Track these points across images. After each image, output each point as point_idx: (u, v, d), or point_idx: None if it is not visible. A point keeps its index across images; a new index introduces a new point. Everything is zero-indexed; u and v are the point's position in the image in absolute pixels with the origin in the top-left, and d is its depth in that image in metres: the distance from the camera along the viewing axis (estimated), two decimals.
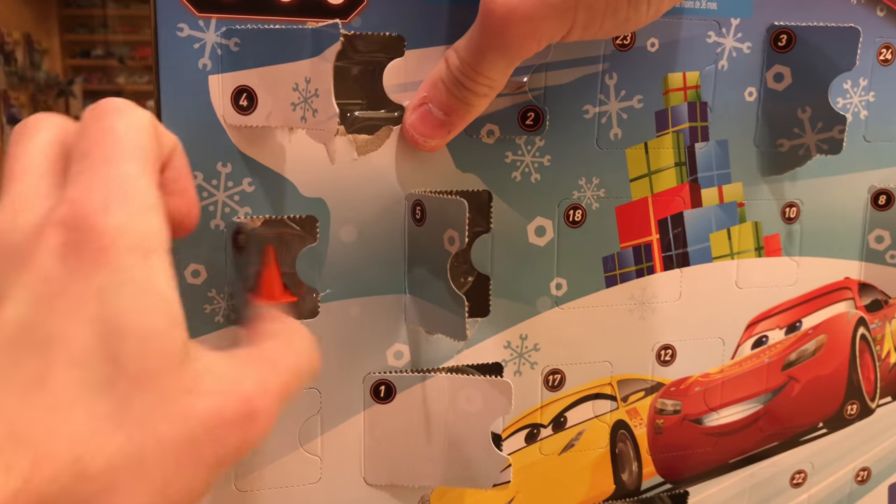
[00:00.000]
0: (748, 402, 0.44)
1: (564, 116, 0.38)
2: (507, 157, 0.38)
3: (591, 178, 0.39)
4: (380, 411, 0.38)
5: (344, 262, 0.36)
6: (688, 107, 0.40)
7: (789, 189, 0.43)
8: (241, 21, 0.33)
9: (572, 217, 0.39)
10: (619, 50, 0.38)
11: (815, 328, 0.45)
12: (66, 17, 4.22)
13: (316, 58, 0.32)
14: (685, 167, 0.41)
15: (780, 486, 0.47)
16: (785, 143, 0.41)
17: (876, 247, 0.45)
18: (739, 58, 0.40)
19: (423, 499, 0.40)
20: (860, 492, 0.48)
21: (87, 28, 4.24)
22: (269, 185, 0.35)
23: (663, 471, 0.44)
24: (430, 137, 0.35)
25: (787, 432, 0.46)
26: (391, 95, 0.35)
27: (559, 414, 0.41)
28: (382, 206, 0.36)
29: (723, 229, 0.42)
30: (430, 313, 0.36)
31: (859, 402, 0.46)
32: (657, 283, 0.41)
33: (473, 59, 0.32)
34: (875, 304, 0.46)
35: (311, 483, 0.38)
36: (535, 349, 0.40)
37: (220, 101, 0.33)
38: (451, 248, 0.34)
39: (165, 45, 0.32)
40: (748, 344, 0.44)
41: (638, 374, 0.42)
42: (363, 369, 0.38)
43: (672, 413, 0.43)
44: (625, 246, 0.40)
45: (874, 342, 0.46)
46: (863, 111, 0.43)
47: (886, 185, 0.44)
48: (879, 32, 0.42)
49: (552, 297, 0.40)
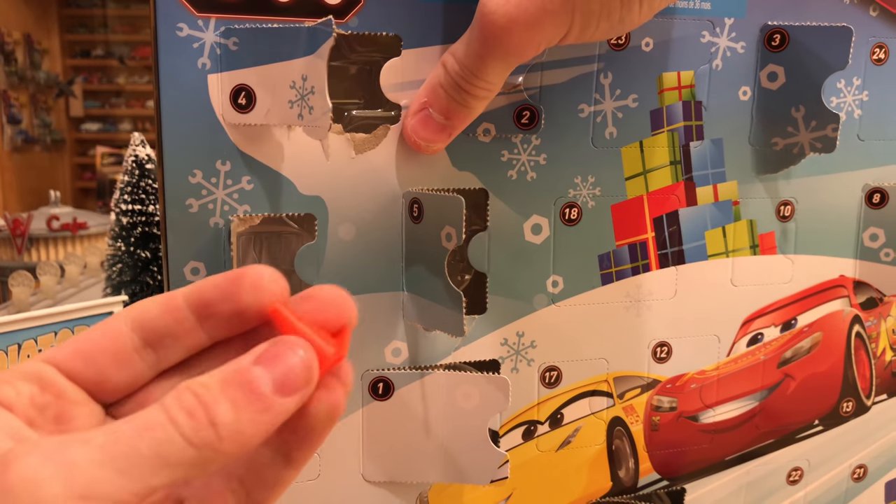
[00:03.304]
0: (744, 399, 0.45)
1: (560, 115, 0.38)
2: (503, 156, 0.38)
3: (586, 177, 0.39)
4: (378, 408, 0.38)
5: (342, 260, 0.37)
6: (682, 106, 0.40)
7: (784, 187, 0.43)
8: (239, 21, 0.33)
9: (568, 215, 0.40)
10: (613, 49, 0.38)
11: (811, 326, 0.45)
12: (66, 17, 4.22)
13: (311, 55, 0.32)
14: (680, 166, 0.41)
15: (776, 484, 0.47)
16: (779, 141, 0.42)
17: (870, 245, 0.45)
18: (733, 57, 0.40)
19: (420, 495, 0.40)
20: (857, 489, 0.49)
21: (87, 28, 4.24)
22: (268, 183, 0.35)
23: (660, 467, 0.44)
24: (432, 141, 0.35)
25: (784, 429, 0.46)
26: (388, 95, 0.36)
27: (556, 411, 0.42)
28: (380, 204, 0.37)
29: (718, 227, 0.42)
30: (428, 310, 0.37)
31: (855, 399, 0.47)
32: (653, 281, 0.42)
33: (473, 65, 0.33)
34: (870, 301, 0.46)
35: (309, 480, 0.38)
36: (531, 346, 0.40)
37: (219, 99, 0.34)
38: (448, 244, 0.34)
39: (165, 45, 0.33)
40: (744, 341, 0.44)
41: (634, 371, 0.43)
42: (361, 366, 0.38)
43: (668, 410, 0.44)
44: (620, 244, 0.41)
45: (869, 340, 0.47)
46: (857, 110, 0.43)
47: (880, 183, 0.44)
48: (873, 32, 0.42)
49: (548, 294, 0.40)
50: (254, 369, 0.21)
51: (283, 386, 0.21)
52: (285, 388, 0.21)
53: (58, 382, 0.22)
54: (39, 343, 0.69)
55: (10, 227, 1.87)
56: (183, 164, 0.34)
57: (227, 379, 0.20)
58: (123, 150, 1.86)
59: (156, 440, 0.19)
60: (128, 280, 0.95)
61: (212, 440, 0.20)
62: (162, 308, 0.23)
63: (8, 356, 0.67)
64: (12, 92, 3.85)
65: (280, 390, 0.21)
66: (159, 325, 0.23)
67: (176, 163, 0.34)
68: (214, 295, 0.22)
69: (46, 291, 1.32)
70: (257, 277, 0.22)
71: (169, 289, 0.34)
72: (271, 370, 0.21)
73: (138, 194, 0.96)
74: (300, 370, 0.21)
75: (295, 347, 0.21)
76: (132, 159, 0.98)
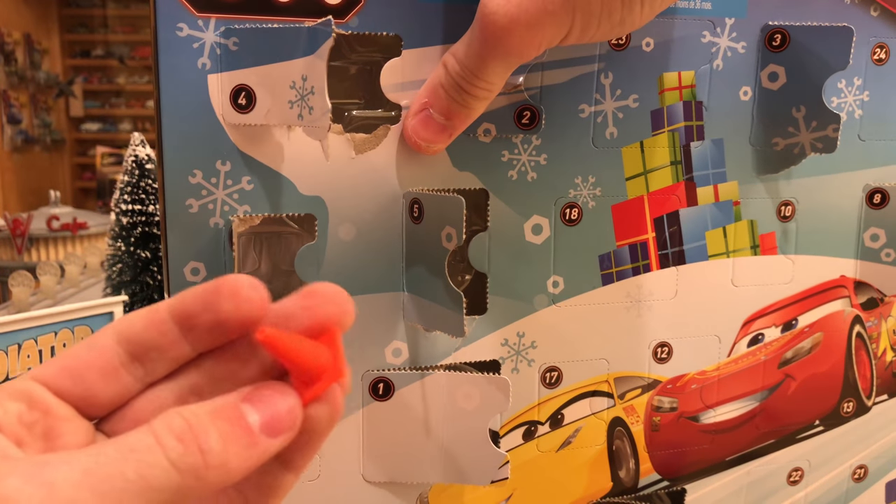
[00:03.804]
0: (744, 399, 0.45)
1: (560, 115, 0.38)
2: (503, 156, 0.38)
3: (587, 177, 0.39)
4: (378, 408, 0.38)
5: (342, 260, 0.37)
6: (683, 106, 0.40)
7: (784, 187, 0.43)
8: (239, 21, 0.33)
9: (569, 215, 0.39)
10: (614, 49, 0.38)
11: (811, 326, 0.45)
12: (66, 17, 4.22)
13: (311, 55, 0.32)
14: (681, 166, 0.41)
15: (776, 484, 0.47)
16: (780, 141, 0.41)
17: (871, 245, 0.45)
18: (734, 57, 0.40)
19: (421, 496, 0.40)
20: (857, 489, 0.49)
21: (87, 28, 4.24)
22: (268, 183, 0.35)
23: (660, 468, 0.44)
24: (433, 142, 0.35)
25: (784, 430, 0.46)
26: (388, 95, 0.36)
27: (556, 411, 0.42)
28: (381, 204, 0.37)
29: (718, 227, 0.42)
30: (429, 311, 0.37)
31: (856, 399, 0.47)
32: (653, 281, 0.41)
33: (473, 65, 0.33)
34: (871, 302, 0.46)
35: (310, 480, 0.38)
36: (532, 346, 0.40)
37: (219, 100, 0.34)
38: (448, 245, 0.34)
39: (165, 45, 0.33)
40: (744, 342, 0.44)
41: (635, 372, 0.43)
42: (362, 367, 0.38)
43: (669, 410, 0.44)
44: (621, 244, 0.41)
45: (870, 340, 0.46)
46: (857, 110, 0.43)
47: (881, 183, 0.44)
48: (873, 32, 0.42)
49: (549, 294, 0.40)
50: (242, 405, 0.21)
51: (270, 427, 0.21)
52: (272, 429, 0.21)
53: (45, 400, 0.22)
54: (39, 343, 0.69)
55: (10, 227, 1.87)
56: (183, 164, 0.34)
57: (218, 410, 0.21)
58: (123, 150, 1.86)
59: (141, 463, 0.19)
60: (128, 280, 0.95)
61: (198, 467, 0.20)
62: (146, 321, 0.23)
63: (8, 356, 0.67)
64: (12, 92, 3.85)
65: (266, 430, 0.21)
66: (144, 338, 0.23)
67: (176, 163, 0.34)
68: (195, 306, 0.22)
69: (46, 291, 1.32)
70: (235, 286, 0.22)
71: (169, 289, 0.34)
72: (259, 410, 0.21)
73: (138, 194, 0.96)
74: (285, 414, 0.21)
75: (283, 392, 0.21)
76: (132, 159, 0.98)
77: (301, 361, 0.21)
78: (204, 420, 0.20)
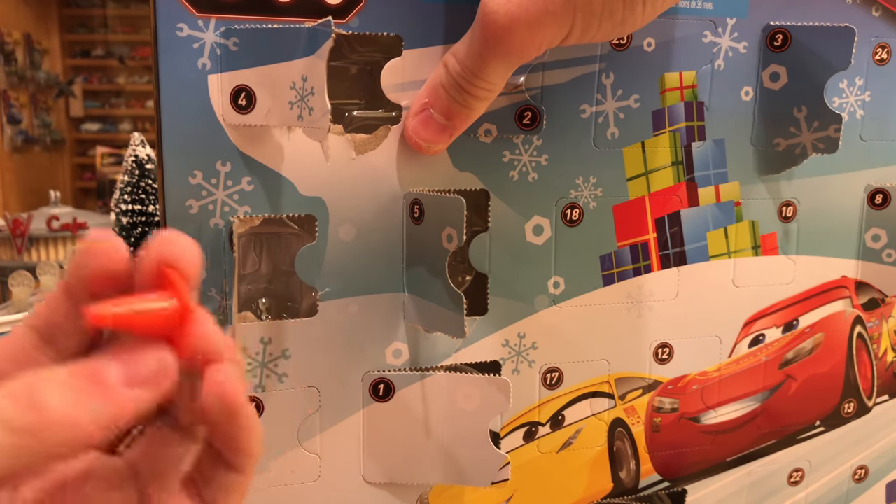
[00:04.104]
0: (745, 400, 0.45)
1: (561, 116, 0.38)
2: (504, 157, 0.38)
3: (588, 178, 0.39)
4: (379, 409, 0.38)
5: (343, 261, 0.36)
6: (684, 106, 0.40)
7: (786, 188, 0.43)
8: (239, 21, 0.33)
9: (570, 216, 0.39)
10: (615, 50, 0.38)
11: (812, 326, 0.45)
12: (66, 17, 4.22)
13: (311, 56, 0.32)
14: (682, 166, 0.41)
15: (777, 485, 0.47)
16: (781, 142, 0.41)
17: (872, 245, 0.45)
18: (735, 57, 0.40)
19: (421, 497, 0.40)
20: (858, 490, 0.49)
21: (87, 28, 4.24)
22: (268, 183, 0.35)
23: (661, 469, 0.44)
24: (434, 142, 0.35)
25: (785, 430, 0.46)
26: (389, 95, 0.36)
27: (557, 412, 0.42)
28: (381, 204, 0.37)
29: (720, 228, 0.42)
30: (429, 312, 0.37)
31: (856, 400, 0.46)
32: (654, 282, 0.41)
33: (474, 65, 0.33)
34: (872, 302, 0.46)
35: (310, 481, 0.38)
36: (532, 347, 0.40)
37: (219, 100, 0.33)
38: (449, 245, 0.34)
39: (165, 45, 0.32)
40: (745, 342, 0.44)
41: (635, 373, 0.43)
42: (362, 368, 0.38)
43: (669, 411, 0.44)
44: (622, 245, 0.41)
45: (871, 341, 0.46)
46: (859, 110, 0.43)
47: (883, 183, 0.44)
48: (875, 32, 0.42)
49: (550, 295, 0.40)
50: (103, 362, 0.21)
51: (131, 378, 0.21)
52: (132, 379, 0.21)
53: None
54: None
55: (10, 227, 1.87)
56: (183, 165, 0.34)
57: (76, 370, 0.21)
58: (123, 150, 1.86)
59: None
60: None
61: (33, 424, 0.20)
62: (47, 304, 0.24)
63: None
64: (12, 92, 3.85)
65: (128, 382, 0.21)
66: (49, 320, 0.24)
67: (176, 163, 0.34)
68: (73, 276, 0.23)
69: (46, 291, 1.32)
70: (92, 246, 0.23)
71: None
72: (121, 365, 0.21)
73: (138, 194, 0.96)
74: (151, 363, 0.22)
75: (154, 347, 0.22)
76: (132, 159, 0.98)
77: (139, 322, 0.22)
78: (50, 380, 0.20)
